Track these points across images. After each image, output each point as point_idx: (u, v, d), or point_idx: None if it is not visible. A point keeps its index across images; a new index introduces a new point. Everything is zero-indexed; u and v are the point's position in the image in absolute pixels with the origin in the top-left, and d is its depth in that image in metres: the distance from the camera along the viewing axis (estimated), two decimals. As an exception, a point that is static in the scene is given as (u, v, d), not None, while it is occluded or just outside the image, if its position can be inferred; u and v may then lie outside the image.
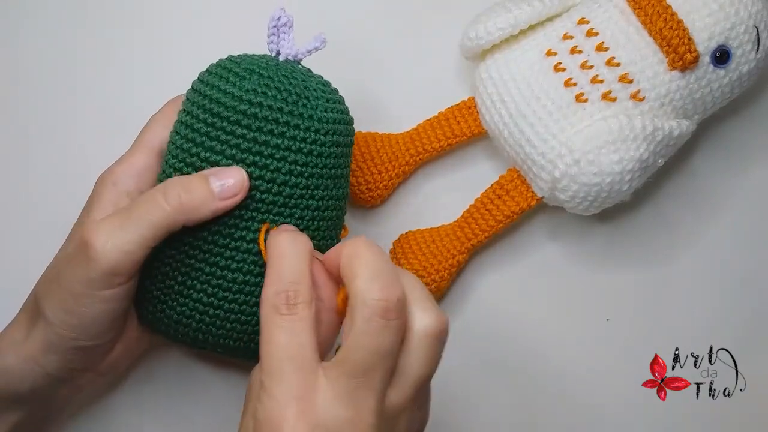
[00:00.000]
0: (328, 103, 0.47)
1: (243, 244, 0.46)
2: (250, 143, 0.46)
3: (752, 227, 0.60)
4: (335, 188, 0.48)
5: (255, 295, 0.47)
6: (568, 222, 0.59)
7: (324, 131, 0.47)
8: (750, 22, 0.52)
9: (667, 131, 0.52)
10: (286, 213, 0.47)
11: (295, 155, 0.46)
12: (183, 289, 0.47)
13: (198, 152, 0.46)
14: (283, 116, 0.46)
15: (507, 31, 0.54)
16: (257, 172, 0.46)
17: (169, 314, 0.48)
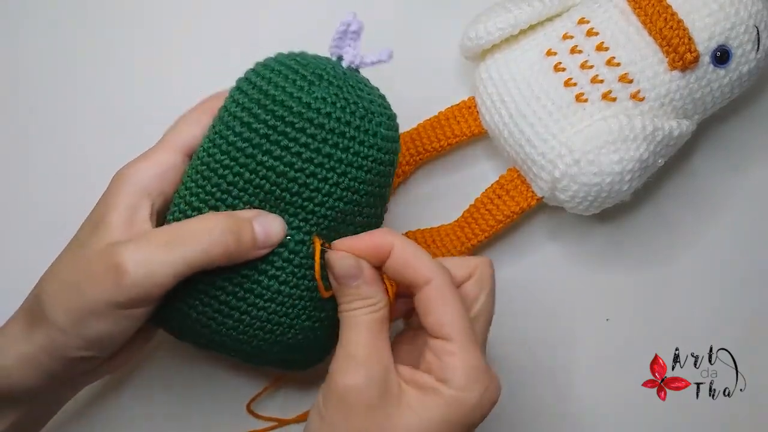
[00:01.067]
0: (389, 121, 0.46)
1: (285, 252, 0.45)
2: (314, 153, 0.43)
3: (752, 227, 0.60)
4: (380, 207, 0.48)
5: (286, 305, 0.45)
6: (568, 222, 0.59)
7: (385, 150, 0.45)
8: (750, 22, 0.52)
9: (667, 131, 0.52)
10: (333, 227, 0.45)
11: (356, 171, 0.44)
12: (211, 289, 0.45)
13: (254, 153, 0.44)
14: (351, 131, 0.44)
15: (507, 31, 0.54)
16: (315, 184, 0.44)
17: (188, 314, 0.46)
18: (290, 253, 0.45)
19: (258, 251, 0.44)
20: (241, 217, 0.44)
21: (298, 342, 0.47)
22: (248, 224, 0.44)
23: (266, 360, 0.48)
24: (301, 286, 0.46)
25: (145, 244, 0.42)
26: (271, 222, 0.44)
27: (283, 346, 0.47)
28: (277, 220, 0.45)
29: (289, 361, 0.49)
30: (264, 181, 0.44)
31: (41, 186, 0.58)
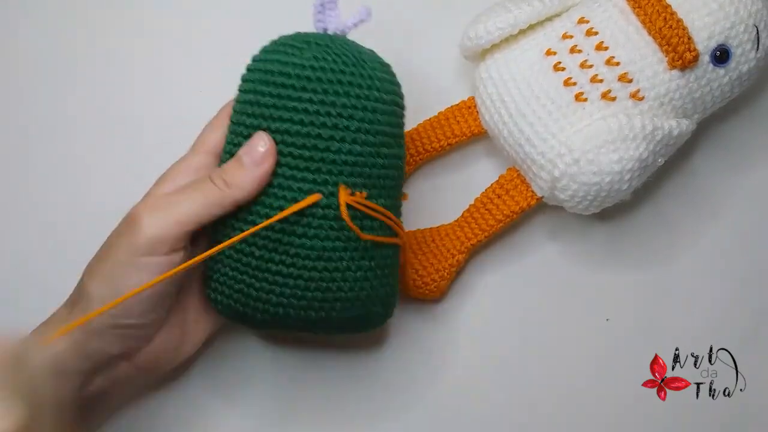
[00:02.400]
0: (383, 67, 0.50)
1: (318, 209, 0.47)
2: (318, 105, 0.47)
3: (752, 227, 0.60)
4: (396, 147, 0.50)
5: (334, 260, 0.47)
6: (568, 222, 0.59)
7: (384, 90, 0.48)
8: (750, 21, 0.52)
9: (667, 131, 0.52)
10: (356, 173, 0.47)
11: (362, 113, 0.47)
12: (261, 263, 0.48)
13: (268, 125, 0.47)
14: (347, 77, 0.47)
15: (507, 30, 0.54)
16: (328, 133, 0.47)
17: (247, 292, 0.48)
18: (323, 209, 0.47)
19: (259, 169, 0.46)
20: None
21: (356, 296, 0.48)
22: (231, 161, 0.47)
23: (333, 325, 0.50)
24: (342, 238, 0.47)
25: (153, 200, 0.47)
26: (251, 141, 0.47)
27: (343, 305, 0.48)
28: (256, 136, 0.47)
29: (355, 321, 0.50)
30: (282, 146, 0.47)
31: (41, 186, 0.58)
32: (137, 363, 0.49)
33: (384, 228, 0.49)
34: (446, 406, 0.57)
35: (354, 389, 0.57)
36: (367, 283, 0.49)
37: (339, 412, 0.57)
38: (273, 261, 0.47)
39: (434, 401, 0.57)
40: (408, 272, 0.55)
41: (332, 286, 0.48)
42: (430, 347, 0.58)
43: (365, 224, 0.48)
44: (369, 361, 0.57)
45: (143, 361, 0.49)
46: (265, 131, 0.48)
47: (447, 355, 0.58)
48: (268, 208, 0.47)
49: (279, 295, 0.48)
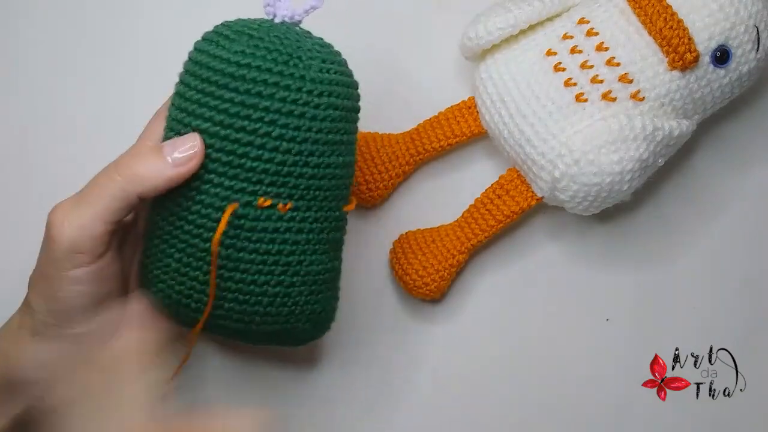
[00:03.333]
0: (324, 64, 0.45)
1: (234, 219, 0.44)
2: (238, 107, 0.43)
3: (752, 227, 0.60)
4: (333, 155, 0.46)
5: (250, 273, 0.45)
6: (568, 222, 0.59)
7: (318, 92, 0.44)
8: (750, 22, 0.52)
9: (667, 131, 0.52)
10: (278, 182, 0.44)
11: (285, 118, 0.44)
12: (180, 266, 0.46)
13: (189, 121, 0.45)
14: (272, 77, 0.43)
15: (507, 31, 0.54)
16: (246, 138, 0.43)
17: (168, 293, 0.46)
18: (238, 218, 0.44)
19: (175, 169, 0.44)
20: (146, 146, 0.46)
21: (275, 311, 0.46)
22: (150, 148, 0.45)
23: (255, 336, 0.48)
24: (259, 251, 0.45)
25: (68, 198, 0.45)
26: (182, 139, 0.44)
27: (262, 318, 0.46)
28: (189, 137, 0.44)
29: (278, 336, 0.48)
30: (206, 147, 0.44)
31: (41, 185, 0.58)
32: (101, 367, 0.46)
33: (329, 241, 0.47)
34: (446, 406, 0.57)
35: (353, 389, 0.57)
36: (288, 299, 0.46)
37: (339, 411, 0.57)
38: (191, 266, 0.45)
39: (434, 401, 0.57)
40: (408, 272, 0.55)
41: (249, 299, 0.45)
42: (430, 347, 0.58)
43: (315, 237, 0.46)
44: (369, 361, 0.57)
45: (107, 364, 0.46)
46: (196, 132, 0.44)
47: (447, 355, 0.58)
48: (186, 210, 0.45)
49: (197, 301, 0.46)
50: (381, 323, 0.57)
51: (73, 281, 0.44)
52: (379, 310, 0.57)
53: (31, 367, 0.45)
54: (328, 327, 0.50)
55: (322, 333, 0.50)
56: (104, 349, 0.46)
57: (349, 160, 0.47)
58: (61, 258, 0.43)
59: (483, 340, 0.58)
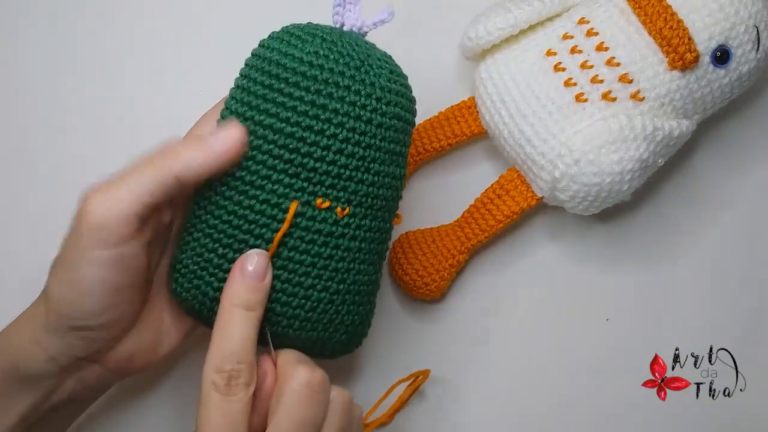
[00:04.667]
0: (392, 74, 0.46)
1: (301, 220, 0.44)
2: (308, 106, 0.43)
3: (752, 227, 0.60)
4: (393, 165, 0.46)
5: (298, 274, 0.44)
6: (568, 222, 0.59)
7: (386, 101, 0.45)
8: (750, 21, 0.52)
9: (667, 131, 0.52)
10: (339, 185, 0.44)
11: (354, 122, 0.44)
12: (223, 262, 0.45)
13: (252, 115, 0.44)
14: (345, 80, 0.44)
15: (507, 31, 0.54)
16: (312, 137, 0.43)
17: (204, 291, 0.45)
18: (294, 216, 0.44)
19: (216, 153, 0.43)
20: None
21: (316, 318, 0.45)
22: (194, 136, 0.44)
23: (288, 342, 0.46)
24: (310, 252, 0.44)
25: (106, 184, 0.43)
26: (224, 126, 0.44)
27: (300, 324, 0.45)
28: (231, 124, 0.44)
29: (313, 344, 0.47)
30: (264, 142, 0.44)
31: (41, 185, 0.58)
32: (109, 364, 0.46)
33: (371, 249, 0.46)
34: (446, 405, 0.57)
35: (353, 389, 0.57)
36: (331, 306, 0.45)
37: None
38: (233, 261, 0.44)
39: (434, 401, 0.57)
40: (408, 272, 0.55)
41: (291, 301, 0.45)
42: (429, 347, 0.57)
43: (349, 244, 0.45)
44: (368, 361, 0.57)
45: (115, 362, 0.47)
46: (242, 124, 0.44)
47: (447, 355, 0.58)
48: (238, 205, 0.44)
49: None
50: (381, 323, 0.57)
51: (93, 262, 0.42)
52: (379, 310, 0.57)
53: (41, 360, 0.44)
54: (361, 341, 0.49)
55: (356, 347, 0.49)
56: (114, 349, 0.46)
57: (403, 173, 0.48)
58: (86, 235, 0.42)
59: (482, 339, 0.58)
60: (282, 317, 0.45)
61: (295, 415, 0.41)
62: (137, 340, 0.47)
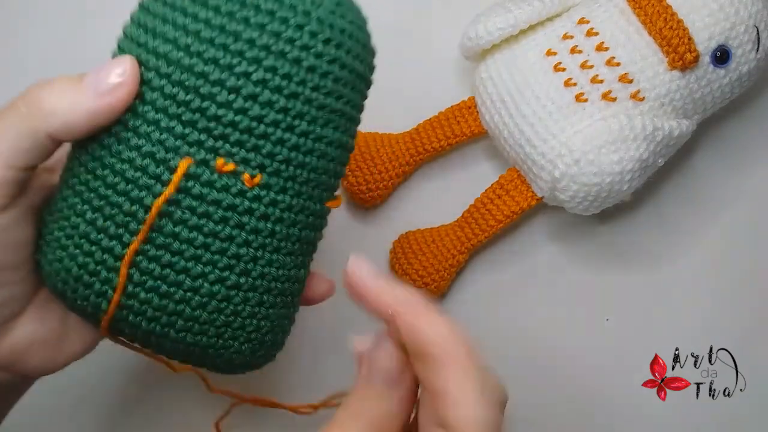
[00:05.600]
0: (339, 7, 0.35)
1: (190, 183, 0.34)
2: (214, 31, 0.33)
3: (752, 227, 0.60)
4: (327, 127, 0.35)
5: (185, 256, 0.34)
6: (568, 222, 0.59)
7: (324, 38, 0.34)
8: (750, 22, 0.52)
9: (667, 131, 0.52)
10: (248, 144, 0.34)
11: (274, 60, 0.33)
12: (92, 231, 0.34)
13: (145, 41, 0.34)
14: (268, 2, 0.33)
15: (507, 31, 0.54)
16: (216, 74, 0.33)
17: (68, 266, 0.35)
18: (186, 179, 0.34)
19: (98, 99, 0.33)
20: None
21: (201, 318, 0.35)
22: (68, 76, 0.35)
23: (182, 350, 0.36)
24: (202, 229, 0.34)
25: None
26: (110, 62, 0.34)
27: (197, 324, 0.35)
28: (119, 59, 0.34)
29: (211, 354, 0.37)
30: (152, 75, 0.34)
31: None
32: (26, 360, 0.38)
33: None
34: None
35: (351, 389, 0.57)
36: (226, 305, 0.35)
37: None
38: (107, 232, 0.34)
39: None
40: (408, 272, 0.55)
41: (174, 292, 0.34)
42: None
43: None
44: (369, 361, 0.57)
45: (1, 358, 0.37)
46: (132, 56, 0.34)
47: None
48: (115, 157, 0.34)
49: (104, 282, 0.34)
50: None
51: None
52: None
53: None
54: (272, 356, 0.39)
55: (264, 361, 0.39)
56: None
57: (345, 141, 0.37)
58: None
59: (482, 340, 0.58)
60: (161, 313, 0.35)
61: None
62: (29, 332, 0.37)
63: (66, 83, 0.34)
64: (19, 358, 0.38)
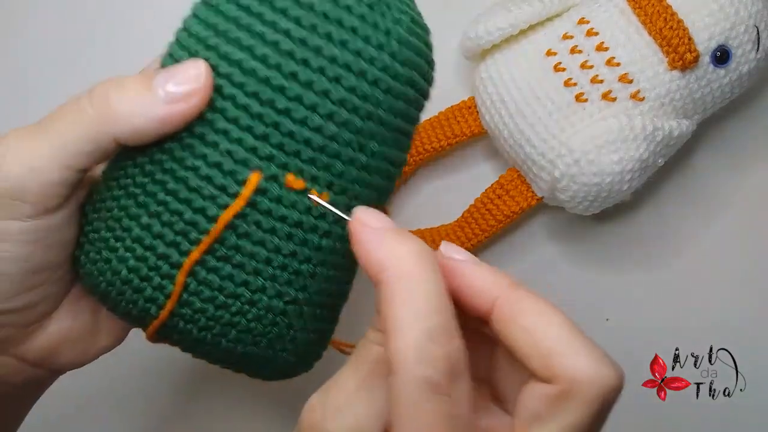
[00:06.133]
0: (414, 25, 0.34)
1: (259, 198, 0.33)
2: (295, 44, 0.32)
3: (752, 227, 0.60)
4: (395, 148, 0.35)
5: (246, 270, 0.34)
6: (568, 222, 0.59)
7: (402, 59, 0.33)
8: (750, 21, 0.52)
9: (667, 131, 0.52)
10: (320, 162, 0.33)
11: (355, 79, 0.32)
12: (148, 236, 0.34)
13: (217, 43, 0.32)
14: (351, 19, 0.32)
15: (507, 31, 0.54)
16: (295, 89, 0.32)
17: (116, 267, 0.34)
18: (255, 193, 0.33)
19: (167, 106, 0.32)
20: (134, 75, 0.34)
21: (257, 329, 0.35)
22: (138, 76, 0.33)
23: (230, 358, 0.36)
24: (266, 244, 0.34)
25: (21, 130, 0.33)
26: (181, 66, 0.32)
27: (251, 335, 0.35)
28: (190, 63, 0.32)
29: (257, 362, 0.37)
30: (224, 82, 0.32)
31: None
32: (26, 357, 0.37)
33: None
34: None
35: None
36: (282, 318, 0.35)
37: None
38: (164, 239, 0.33)
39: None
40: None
41: (232, 304, 0.34)
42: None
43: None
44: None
45: (35, 355, 0.37)
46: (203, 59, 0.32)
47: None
48: (178, 163, 0.33)
49: (157, 288, 0.34)
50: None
51: (3, 236, 0.33)
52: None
53: None
54: (312, 365, 0.39)
55: (304, 371, 0.39)
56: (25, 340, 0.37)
57: (404, 161, 0.36)
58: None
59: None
60: (214, 323, 0.34)
61: None
62: (62, 328, 0.38)
63: (137, 86, 0.32)
64: (53, 353, 0.38)
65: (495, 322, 0.31)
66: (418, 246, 0.29)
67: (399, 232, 0.30)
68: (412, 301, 0.28)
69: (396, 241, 0.29)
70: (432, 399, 0.27)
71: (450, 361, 0.28)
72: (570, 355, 0.30)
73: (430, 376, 0.27)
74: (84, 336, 0.39)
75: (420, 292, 0.28)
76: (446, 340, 0.28)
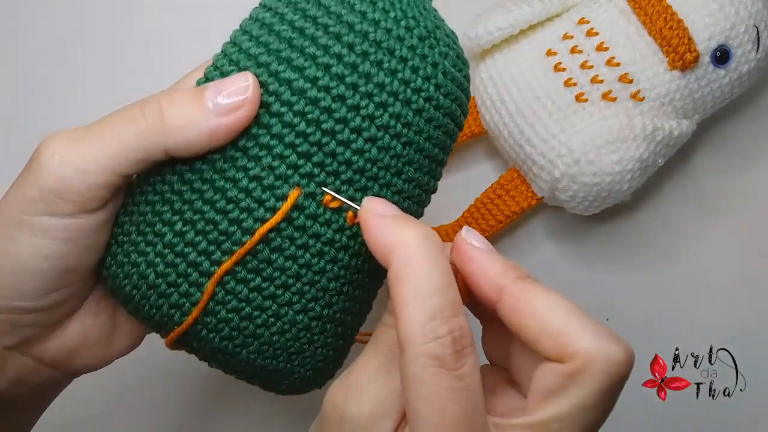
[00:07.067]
0: (458, 59, 0.36)
1: (296, 214, 0.34)
2: (347, 69, 0.33)
3: (752, 227, 0.60)
4: (429, 174, 0.36)
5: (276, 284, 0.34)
6: (568, 222, 0.59)
7: (445, 91, 0.35)
8: (750, 22, 0.52)
9: (667, 131, 0.52)
10: (358, 183, 0.34)
11: (400, 107, 0.33)
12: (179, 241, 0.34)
13: (268, 62, 0.33)
14: (402, 50, 0.33)
15: (507, 31, 0.54)
16: (341, 112, 0.33)
17: (144, 272, 0.35)
18: (291, 209, 0.33)
19: (218, 119, 0.33)
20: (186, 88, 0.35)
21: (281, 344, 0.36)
22: (189, 89, 0.34)
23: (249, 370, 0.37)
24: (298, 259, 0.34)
25: (71, 132, 0.35)
26: (230, 79, 0.34)
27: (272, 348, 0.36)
28: (239, 76, 0.33)
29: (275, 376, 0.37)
30: (272, 99, 0.33)
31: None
32: (44, 358, 0.38)
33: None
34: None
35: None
36: (305, 333, 0.35)
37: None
38: (196, 246, 0.34)
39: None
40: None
41: (256, 316, 0.35)
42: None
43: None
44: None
45: (52, 356, 0.38)
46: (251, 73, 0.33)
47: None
48: (219, 174, 0.33)
49: (184, 295, 0.34)
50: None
51: (39, 232, 0.33)
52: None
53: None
54: (324, 382, 0.39)
55: (317, 387, 0.39)
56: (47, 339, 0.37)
57: (434, 189, 0.38)
58: (36, 197, 0.33)
59: (483, 340, 0.58)
60: (238, 333, 0.35)
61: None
62: (82, 330, 0.38)
63: (188, 99, 0.33)
64: (70, 355, 0.38)
65: (502, 309, 0.32)
66: (423, 230, 0.31)
67: (405, 217, 0.32)
68: (416, 281, 0.30)
69: (402, 226, 0.31)
70: (438, 374, 0.29)
71: (454, 337, 0.29)
72: (579, 333, 0.31)
73: (436, 352, 0.29)
74: (101, 339, 0.39)
75: (423, 272, 0.30)
76: (450, 318, 0.29)
